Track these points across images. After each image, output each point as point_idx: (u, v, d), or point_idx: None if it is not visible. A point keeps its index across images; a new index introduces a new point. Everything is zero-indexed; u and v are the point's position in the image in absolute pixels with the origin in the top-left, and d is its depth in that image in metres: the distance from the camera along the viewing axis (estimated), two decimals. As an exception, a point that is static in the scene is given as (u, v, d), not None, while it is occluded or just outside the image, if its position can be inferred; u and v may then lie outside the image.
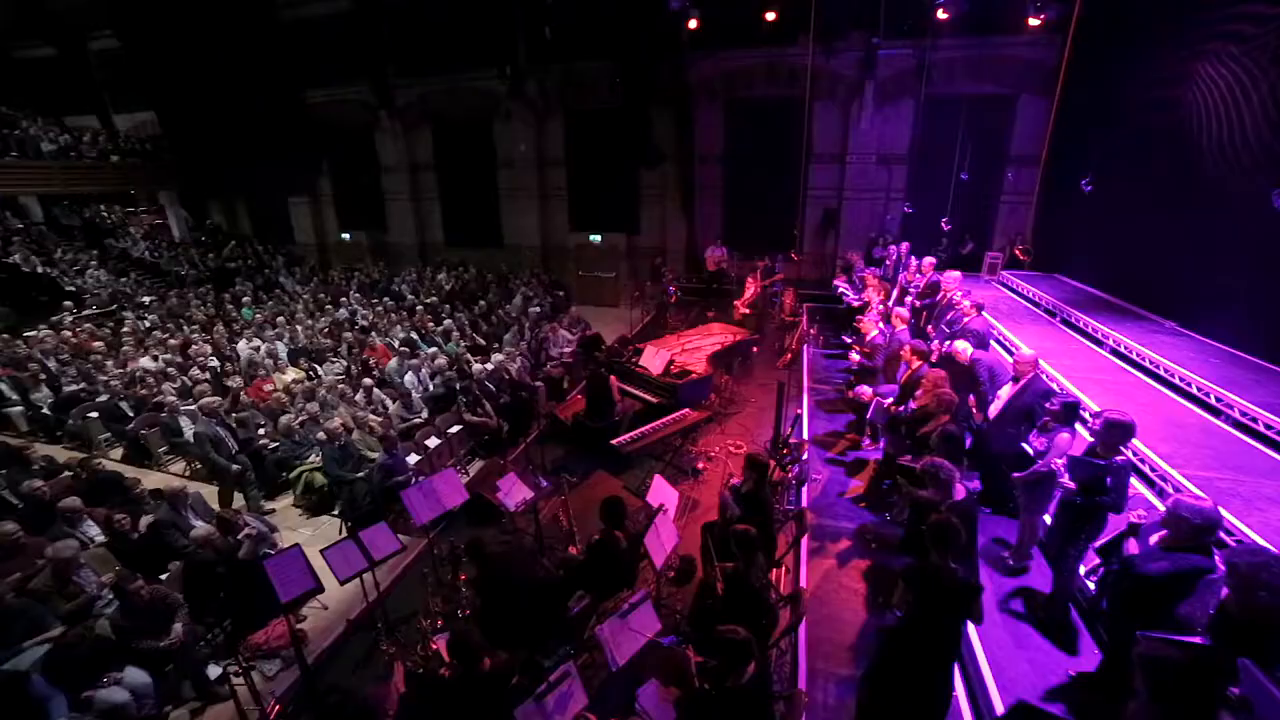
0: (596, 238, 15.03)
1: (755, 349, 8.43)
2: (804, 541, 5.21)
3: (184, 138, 13.59)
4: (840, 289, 10.88)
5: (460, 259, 16.46)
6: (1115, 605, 3.55)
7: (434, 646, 4.35)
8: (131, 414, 7.72)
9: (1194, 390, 6.39)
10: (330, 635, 4.78)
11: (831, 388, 8.60)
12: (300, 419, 7.15)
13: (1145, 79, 9.34)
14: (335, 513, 6.30)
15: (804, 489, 5.85)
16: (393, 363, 8.64)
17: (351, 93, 16.40)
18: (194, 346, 9.50)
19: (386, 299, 12.70)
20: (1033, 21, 10.47)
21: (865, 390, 6.24)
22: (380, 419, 7.43)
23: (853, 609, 4.74)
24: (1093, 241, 10.66)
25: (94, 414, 7.78)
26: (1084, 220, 10.80)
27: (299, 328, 10.61)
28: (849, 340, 8.34)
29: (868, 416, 6.34)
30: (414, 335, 10.07)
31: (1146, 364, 7.29)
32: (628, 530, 4.60)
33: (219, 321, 11.20)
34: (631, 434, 6.34)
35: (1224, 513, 4.64)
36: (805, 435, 7.04)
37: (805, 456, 5.92)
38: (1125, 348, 7.72)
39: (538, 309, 11.74)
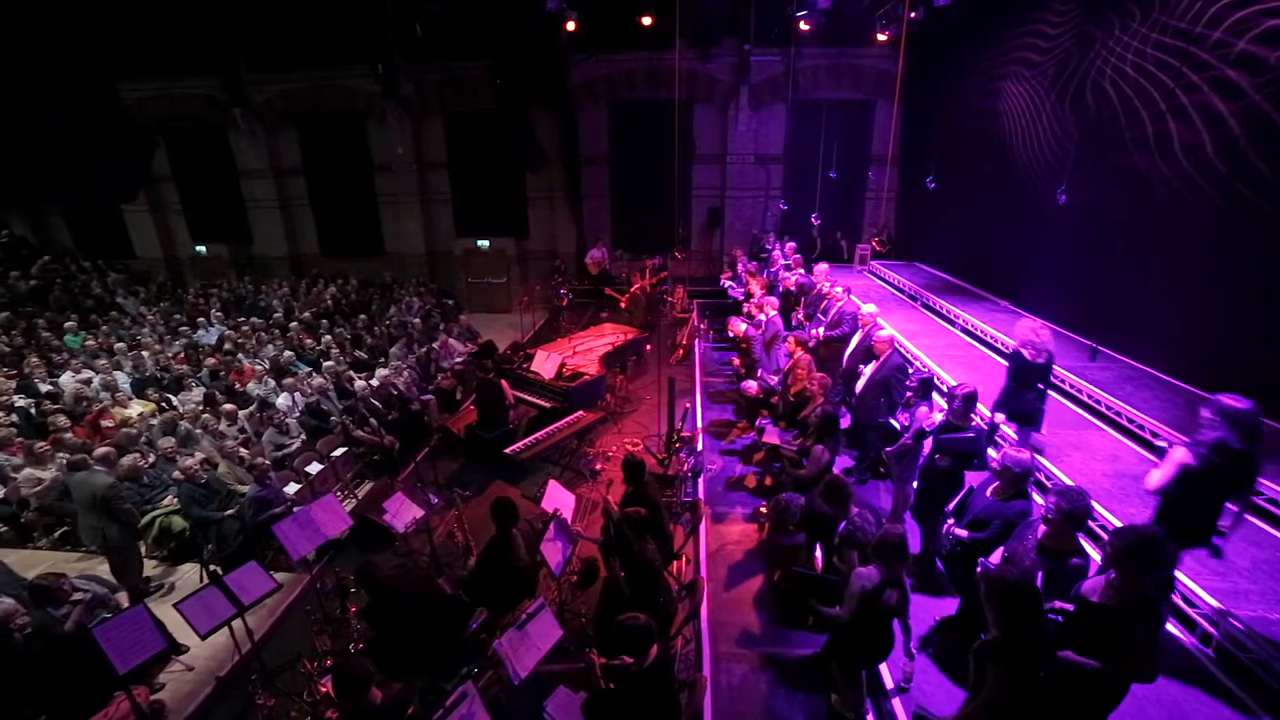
0: (484, 243, 14.63)
1: (648, 347, 8.58)
2: (703, 531, 5.39)
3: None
4: (726, 285, 11.35)
5: (339, 270, 15.37)
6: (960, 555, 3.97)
7: (322, 689, 4.03)
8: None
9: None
10: (196, 699, 4.27)
11: (723, 379, 8.95)
12: (152, 457, 6.35)
13: (969, 91, 10.66)
14: (204, 558, 5.64)
15: (700, 480, 6.03)
16: (252, 384, 7.91)
17: (196, 87, 14.63)
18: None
19: (254, 317, 11.59)
20: (880, 37, 11.48)
21: (750, 385, 6.54)
22: (249, 448, 6.76)
23: (750, 590, 4.94)
24: (942, 232, 11.92)
25: None
26: (934, 214, 12.07)
27: (145, 354, 9.38)
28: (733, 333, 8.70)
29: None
30: (288, 354, 9.28)
31: (988, 339, 8.27)
32: (524, 532, 4.51)
33: (31, 353, 9.40)
34: (526, 441, 6.24)
35: (1043, 461, 5.40)
36: (699, 426, 7.27)
37: (700, 448, 6.11)
38: (972, 326, 8.71)
39: (422, 319, 11.23)
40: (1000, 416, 5.59)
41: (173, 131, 15.24)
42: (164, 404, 7.91)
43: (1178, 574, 4.00)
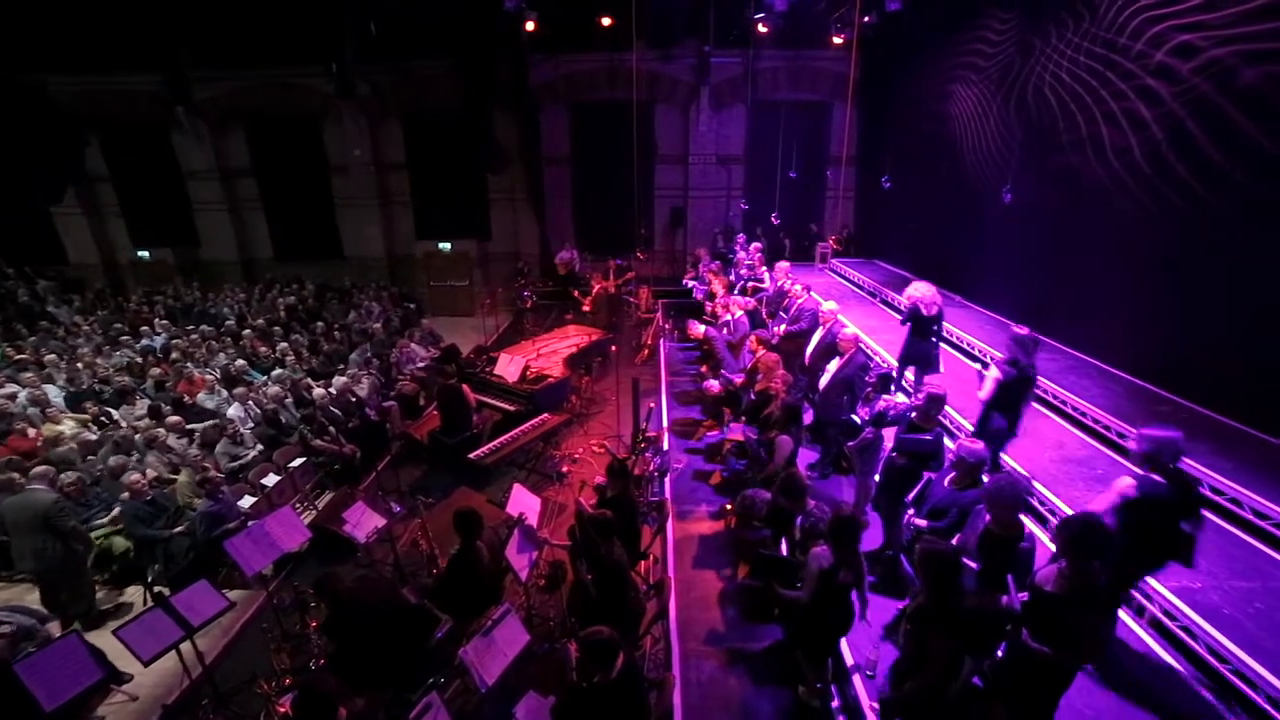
0: (446, 246, 14.38)
1: (613, 348, 8.59)
2: (670, 530, 5.42)
3: None
4: (690, 284, 11.44)
5: (295, 275, 14.90)
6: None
7: (281, 709, 3.92)
8: None
9: (975, 353, 7.64)
10: (141, 731, 4.09)
11: (688, 379, 9.01)
12: (96, 471, 6.05)
13: (921, 93, 11.02)
14: (148, 579, 5.39)
15: (666, 479, 6.07)
16: (203, 394, 7.62)
17: (134, 82, 13.86)
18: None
19: (204, 325, 11.14)
20: (836, 39, 11.75)
21: (713, 384, 6.61)
22: (193, 460, 6.49)
23: (717, 587, 4.99)
24: (900, 230, 12.27)
25: None
26: (892, 212, 12.42)
27: (81, 366, 8.90)
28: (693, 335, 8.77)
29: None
30: (240, 363, 8.95)
31: (945, 335, 8.53)
32: (489, 540, 4.46)
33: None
34: (490, 445, 6.17)
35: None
36: (665, 425, 7.31)
37: (666, 447, 6.15)
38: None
39: (381, 323, 11.00)
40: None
41: (108, 129, 14.49)
42: (104, 418, 7.54)
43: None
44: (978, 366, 5.41)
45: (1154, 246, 6.26)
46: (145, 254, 15.49)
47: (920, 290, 6.30)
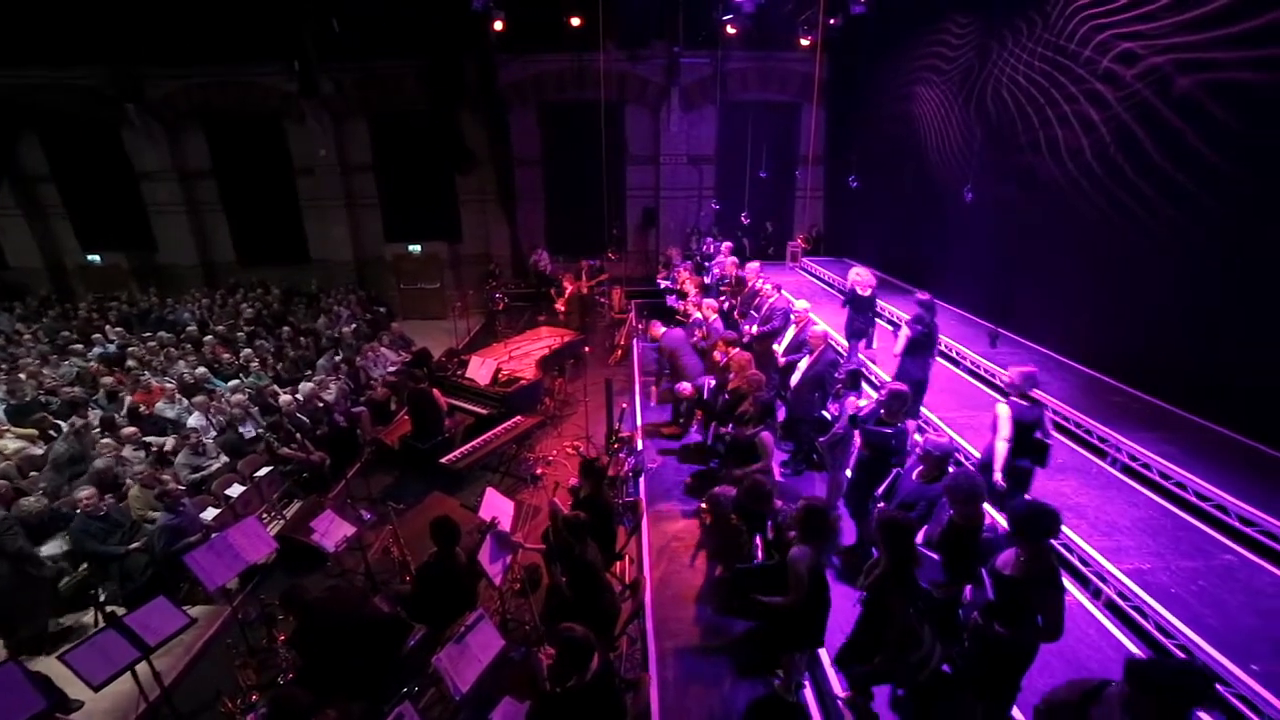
0: (416, 248, 14.18)
1: (586, 349, 8.56)
2: (645, 529, 5.43)
3: None
4: (662, 284, 11.47)
5: (260, 279, 14.51)
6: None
7: (246, 727, 3.82)
8: None
9: (943, 348, 7.81)
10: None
11: (662, 378, 9.01)
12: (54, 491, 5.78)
13: (886, 95, 11.24)
14: (99, 599, 5.13)
15: (641, 479, 6.08)
16: (161, 403, 7.37)
17: (77, 77, 13.14)
18: None
19: (163, 332, 10.77)
20: (803, 41, 11.90)
21: (685, 386, 6.64)
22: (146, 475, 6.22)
23: (693, 585, 5.02)
24: (868, 229, 12.52)
25: None
26: (860, 211, 12.65)
27: (24, 377, 8.51)
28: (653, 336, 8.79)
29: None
30: (201, 370, 8.67)
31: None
32: (465, 545, 4.42)
33: None
34: (463, 449, 6.11)
35: (961, 441, 5.79)
36: (638, 425, 7.32)
37: (640, 448, 6.15)
38: (897, 318, 9.16)
39: (353, 327, 10.78)
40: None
41: (49, 125, 13.77)
42: (52, 432, 7.21)
43: (1070, 533, 4.49)
44: (891, 328, 6.17)
45: (1108, 244, 6.51)
46: (96, 258, 14.85)
47: (858, 274, 7.24)
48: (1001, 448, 4.38)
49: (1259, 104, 4.96)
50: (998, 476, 4.37)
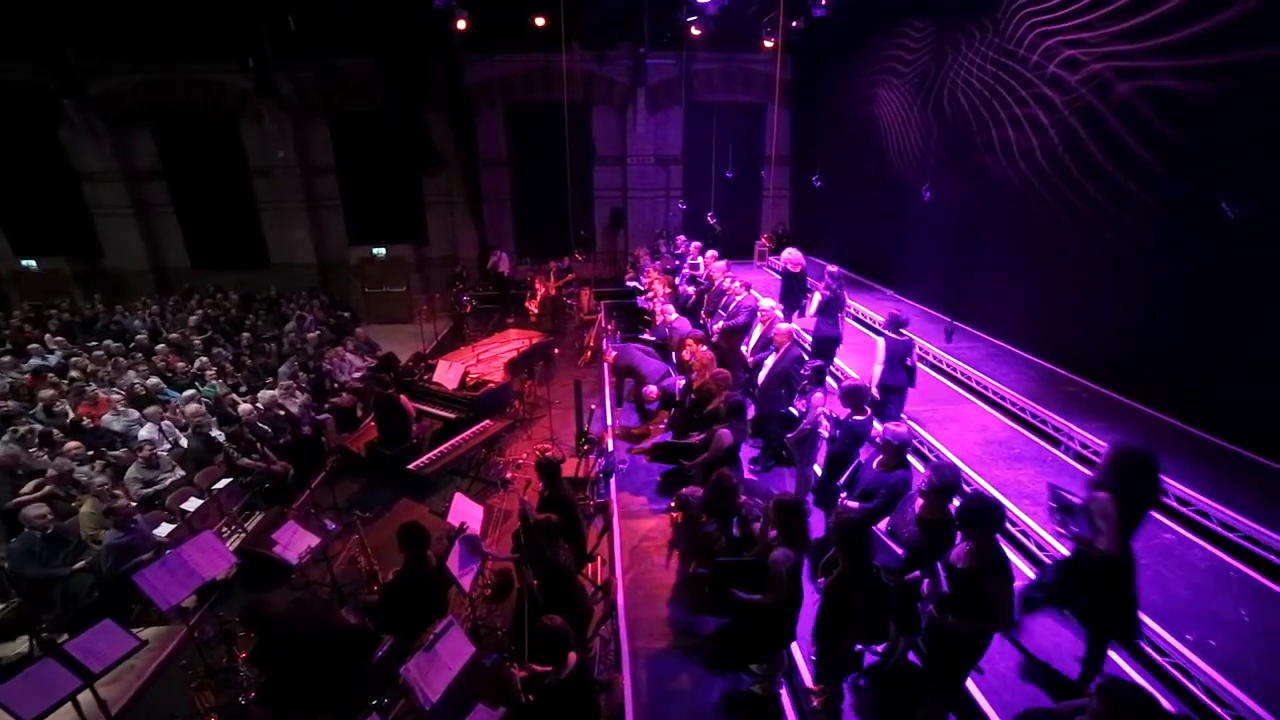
0: (380, 251, 13.88)
1: (556, 350, 8.52)
2: (616, 530, 5.43)
3: None
4: (631, 285, 11.48)
5: (216, 284, 14.00)
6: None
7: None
8: None
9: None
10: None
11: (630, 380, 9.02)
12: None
13: (849, 97, 11.46)
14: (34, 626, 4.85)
15: (611, 479, 6.07)
16: (108, 415, 7.07)
17: (6, 70, 12.41)
18: None
19: (109, 340, 10.29)
20: (767, 43, 12.05)
21: (651, 390, 6.66)
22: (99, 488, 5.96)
23: (664, 585, 5.04)
24: (834, 228, 12.74)
25: None
26: (824, 210, 12.86)
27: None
28: (648, 338, 8.83)
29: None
30: (153, 380, 8.33)
31: (876, 327, 8.92)
32: (435, 552, 4.35)
33: None
34: (431, 455, 6.02)
35: (923, 433, 5.94)
36: (609, 425, 7.31)
37: (610, 448, 6.14)
38: (862, 315, 9.37)
39: (316, 333, 10.50)
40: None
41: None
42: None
43: (1026, 519, 4.62)
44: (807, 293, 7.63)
45: (1059, 241, 6.76)
46: (32, 263, 13.95)
47: (789, 254, 8.50)
48: (877, 370, 5.77)
49: (1188, 112, 5.23)
50: (875, 390, 5.52)
